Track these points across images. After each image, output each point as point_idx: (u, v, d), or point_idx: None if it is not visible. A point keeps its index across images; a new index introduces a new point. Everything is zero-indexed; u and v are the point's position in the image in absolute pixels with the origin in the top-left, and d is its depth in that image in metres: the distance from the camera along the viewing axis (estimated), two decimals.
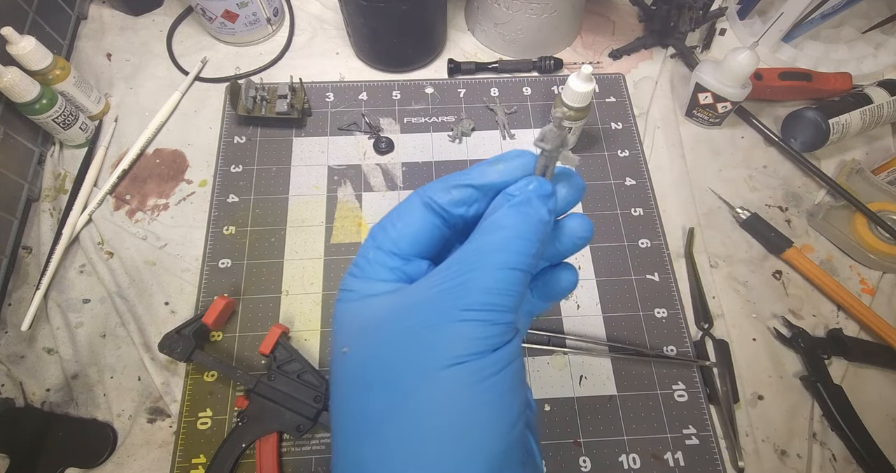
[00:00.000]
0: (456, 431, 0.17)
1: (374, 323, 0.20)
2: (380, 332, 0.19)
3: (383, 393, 0.18)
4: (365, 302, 0.21)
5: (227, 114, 0.57)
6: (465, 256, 0.19)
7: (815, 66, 0.60)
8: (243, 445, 0.40)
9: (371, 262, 0.21)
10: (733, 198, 0.54)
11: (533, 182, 0.20)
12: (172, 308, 0.48)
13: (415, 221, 0.21)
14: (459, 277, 0.18)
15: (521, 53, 0.62)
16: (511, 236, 0.19)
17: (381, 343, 0.19)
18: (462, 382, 0.18)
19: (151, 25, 0.63)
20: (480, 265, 0.18)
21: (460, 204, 0.21)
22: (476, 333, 0.18)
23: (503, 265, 0.18)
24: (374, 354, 0.19)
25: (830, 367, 0.46)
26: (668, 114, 0.59)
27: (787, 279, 0.51)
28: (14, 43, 0.47)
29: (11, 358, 0.45)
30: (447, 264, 0.19)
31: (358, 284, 0.21)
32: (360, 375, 0.19)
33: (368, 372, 0.19)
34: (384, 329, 0.19)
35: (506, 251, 0.19)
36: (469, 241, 0.20)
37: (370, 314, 0.20)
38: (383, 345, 0.19)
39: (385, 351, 0.19)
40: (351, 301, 0.21)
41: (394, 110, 0.58)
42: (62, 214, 0.50)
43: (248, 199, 0.52)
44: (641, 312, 0.48)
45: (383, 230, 0.21)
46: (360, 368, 0.19)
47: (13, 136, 0.50)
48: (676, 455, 0.43)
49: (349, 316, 0.21)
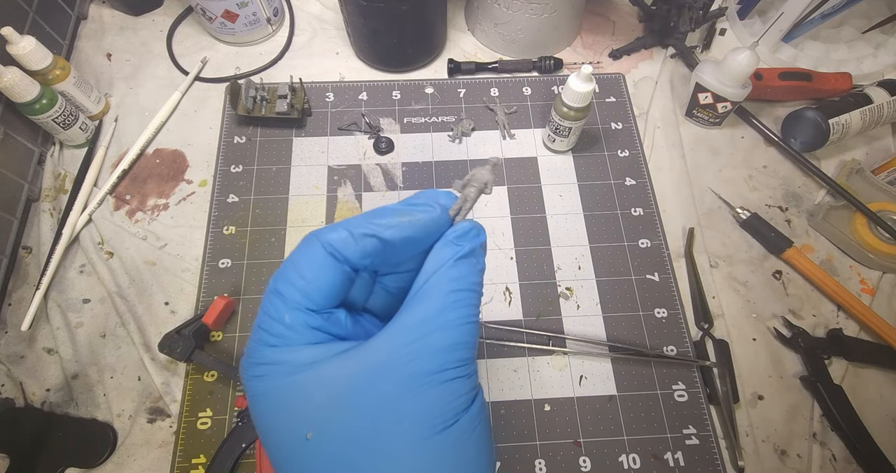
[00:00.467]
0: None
1: (339, 396, 0.18)
2: (350, 406, 0.17)
3: (374, 468, 0.17)
4: (308, 374, 0.18)
5: (227, 114, 0.57)
6: (424, 315, 0.18)
7: (815, 66, 0.60)
8: (243, 445, 0.40)
9: (291, 327, 0.19)
10: (733, 198, 0.54)
11: (472, 229, 0.20)
12: (172, 308, 0.48)
13: (323, 272, 0.19)
14: (424, 338, 0.18)
15: (521, 53, 0.62)
16: (463, 289, 0.19)
17: (357, 418, 0.17)
18: (455, 443, 0.18)
19: (151, 25, 0.63)
20: (440, 324, 0.18)
21: (366, 256, 0.19)
22: (459, 390, 0.18)
23: (462, 321, 0.18)
24: (348, 432, 0.17)
25: (830, 367, 0.46)
26: (668, 114, 0.59)
27: (787, 279, 0.51)
28: (14, 43, 0.47)
29: (11, 358, 0.45)
30: (405, 323, 0.19)
31: (282, 355, 0.18)
32: (343, 455, 0.17)
33: (355, 449, 0.17)
34: (354, 402, 0.17)
35: (460, 306, 0.19)
36: (422, 297, 0.19)
37: (325, 387, 0.18)
38: (359, 420, 0.17)
39: (362, 426, 0.17)
40: (284, 376, 0.18)
41: (394, 110, 0.58)
42: (62, 214, 0.50)
43: (248, 199, 0.52)
44: (641, 312, 0.48)
45: (291, 286, 0.19)
46: (343, 448, 0.17)
47: (13, 136, 0.50)
48: (676, 455, 0.43)
49: (294, 394, 0.18)
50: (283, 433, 0.18)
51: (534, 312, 0.48)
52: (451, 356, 0.18)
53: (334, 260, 0.19)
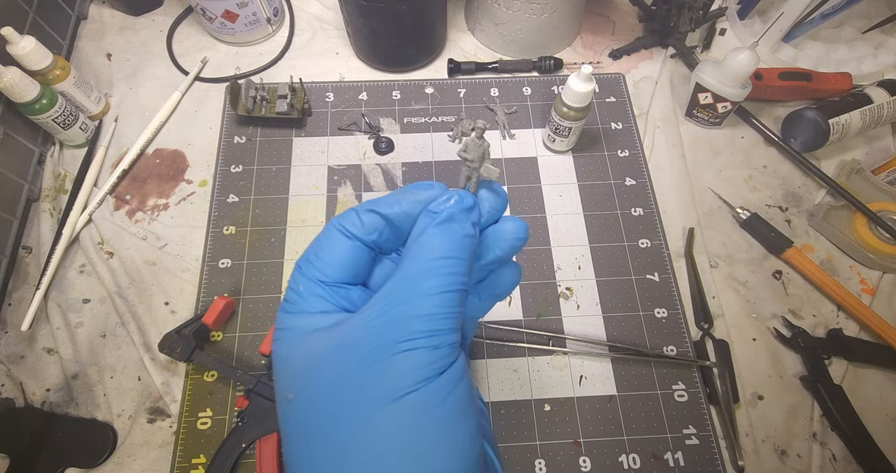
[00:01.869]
0: (410, 465, 0.17)
1: (310, 366, 0.19)
2: (316, 377, 0.18)
3: (329, 442, 0.17)
4: (302, 340, 0.19)
5: (227, 114, 0.57)
6: (397, 286, 0.18)
7: (815, 66, 0.60)
8: (243, 445, 0.40)
9: (303, 295, 0.20)
10: (733, 198, 0.54)
11: (454, 196, 0.20)
12: (172, 308, 0.48)
13: (336, 248, 0.20)
14: (393, 310, 0.18)
15: (521, 53, 0.62)
16: (439, 258, 0.19)
17: (319, 389, 0.18)
18: (411, 413, 0.17)
19: (151, 25, 0.63)
20: (413, 293, 0.18)
21: (371, 231, 0.20)
22: (419, 361, 0.17)
23: (437, 289, 0.18)
24: (312, 402, 0.18)
25: (830, 367, 0.46)
26: (668, 114, 0.59)
27: (787, 279, 0.51)
28: (14, 43, 0.47)
29: (11, 358, 0.45)
30: (379, 296, 0.19)
31: (294, 321, 0.20)
32: (302, 425, 0.18)
33: (309, 422, 0.18)
34: (321, 373, 0.18)
35: (437, 275, 0.18)
36: (399, 269, 0.19)
37: (307, 355, 0.19)
38: (321, 392, 0.18)
39: (323, 398, 0.18)
40: (289, 340, 0.20)
41: (394, 110, 0.58)
42: (62, 214, 0.50)
43: (248, 199, 0.52)
44: (641, 312, 0.48)
45: (308, 261, 0.21)
46: (303, 417, 0.18)
47: (13, 136, 0.50)
48: (676, 455, 0.43)
49: (289, 357, 0.20)
50: (278, 392, 0.20)
51: (534, 312, 0.48)
52: (414, 326, 0.18)
53: (343, 236, 0.20)
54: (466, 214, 0.20)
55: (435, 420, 0.17)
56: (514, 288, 0.24)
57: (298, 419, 0.18)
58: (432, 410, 0.17)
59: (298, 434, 0.18)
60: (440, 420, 0.17)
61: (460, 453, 0.18)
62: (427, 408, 0.17)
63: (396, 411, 0.17)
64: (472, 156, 0.21)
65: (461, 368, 0.18)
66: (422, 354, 0.17)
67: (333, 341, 0.19)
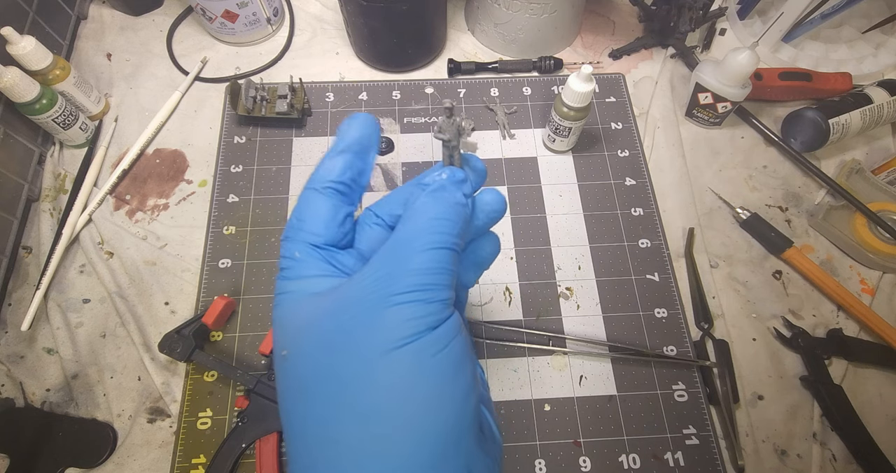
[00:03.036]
0: (405, 416, 0.17)
1: (308, 324, 0.19)
2: (315, 333, 0.19)
3: (324, 394, 0.18)
4: (301, 302, 0.20)
5: (227, 114, 0.57)
6: (391, 246, 0.19)
7: (815, 66, 0.60)
8: (243, 445, 0.40)
9: (298, 260, 0.21)
10: (733, 198, 0.54)
11: (445, 171, 0.21)
12: (172, 308, 0.48)
13: (315, 207, 0.21)
14: (387, 266, 0.19)
15: (521, 53, 0.62)
16: (432, 219, 0.20)
17: (317, 343, 0.19)
18: (405, 365, 0.17)
19: (151, 25, 0.63)
20: (407, 250, 0.19)
21: (343, 171, 0.22)
22: (412, 314, 0.18)
23: (429, 246, 0.19)
24: (310, 356, 0.19)
25: (830, 367, 0.46)
26: (668, 114, 0.59)
27: (787, 279, 0.51)
28: (14, 43, 0.47)
29: (11, 358, 0.45)
30: (376, 257, 0.20)
31: (292, 285, 0.21)
32: (301, 379, 0.19)
33: (307, 375, 0.19)
34: (319, 328, 0.19)
35: (429, 233, 0.19)
36: (393, 233, 0.20)
37: (306, 314, 0.20)
38: (319, 346, 0.19)
39: (321, 351, 0.18)
40: (288, 302, 0.20)
41: (394, 110, 0.58)
42: (62, 214, 0.50)
43: (248, 199, 0.52)
44: (641, 312, 0.48)
45: (293, 228, 0.21)
46: (300, 372, 0.19)
47: (13, 136, 0.50)
48: (676, 455, 0.43)
49: (288, 318, 0.20)
50: (276, 352, 0.20)
51: (534, 312, 0.48)
52: (407, 280, 0.18)
53: (317, 193, 0.21)
54: (457, 186, 0.21)
55: (428, 372, 0.18)
56: (494, 258, 0.25)
57: (296, 374, 0.19)
58: (425, 362, 0.18)
59: (295, 389, 0.19)
60: (433, 372, 0.18)
61: (454, 406, 0.18)
62: (420, 360, 0.18)
63: (391, 362, 0.17)
64: (448, 135, 0.22)
65: (455, 325, 0.19)
66: (415, 307, 0.18)
67: (331, 299, 0.19)
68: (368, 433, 0.17)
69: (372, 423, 0.17)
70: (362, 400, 0.17)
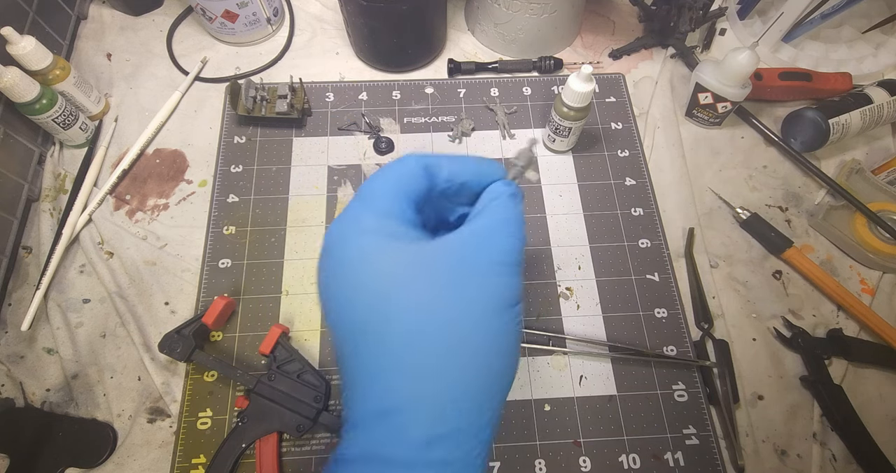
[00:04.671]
0: (497, 369, 0.21)
1: (411, 272, 0.21)
2: (423, 282, 0.21)
3: (434, 340, 0.20)
4: (385, 244, 0.22)
5: (227, 114, 0.57)
6: (484, 225, 0.23)
7: (815, 66, 0.60)
8: (243, 445, 0.40)
9: (392, 197, 0.23)
10: (733, 198, 0.54)
11: (516, 183, 0.26)
12: (172, 308, 0.48)
13: (419, 175, 0.24)
14: (487, 239, 0.22)
15: (521, 53, 0.62)
16: (512, 218, 0.24)
17: (427, 292, 0.21)
18: (506, 326, 0.21)
19: (151, 25, 0.63)
20: (497, 233, 0.23)
21: (447, 182, 0.25)
22: (512, 284, 0.22)
23: (514, 235, 0.23)
24: (418, 303, 0.21)
25: (830, 367, 0.46)
26: (668, 114, 0.59)
27: (787, 279, 0.51)
28: (14, 43, 0.47)
29: (11, 358, 0.45)
30: (472, 227, 0.23)
31: (371, 219, 0.23)
32: (400, 322, 0.20)
33: (410, 320, 0.20)
34: (428, 279, 0.21)
35: (513, 224, 0.23)
36: (481, 216, 0.24)
37: (399, 260, 0.21)
38: (430, 294, 0.21)
39: (433, 300, 0.21)
40: (371, 236, 0.22)
41: (394, 110, 0.58)
42: (62, 214, 0.50)
43: (248, 199, 0.52)
44: (641, 312, 0.48)
45: (393, 178, 0.24)
46: (402, 317, 0.20)
47: (13, 136, 0.50)
48: (676, 455, 0.43)
49: (373, 255, 0.22)
50: (359, 278, 0.21)
51: (534, 312, 0.48)
52: (507, 257, 0.22)
53: (423, 166, 0.24)
54: (520, 201, 0.25)
55: (513, 336, 0.22)
56: None
57: (397, 318, 0.20)
58: (514, 329, 0.21)
59: (385, 332, 0.20)
60: (515, 337, 0.22)
61: (512, 373, 0.22)
62: (513, 326, 0.21)
63: (499, 321, 0.21)
64: (523, 163, 0.27)
65: (520, 312, 0.22)
66: (515, 280, 0.22)
67: (438, 253, 0.22)
68: (461, 374, 0.20)
69: (467, 369, 0.20)
70: (469, 348, 0.20)
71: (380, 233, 0.22)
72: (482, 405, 0.20)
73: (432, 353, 0.20)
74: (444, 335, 0.20)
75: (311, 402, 0.41)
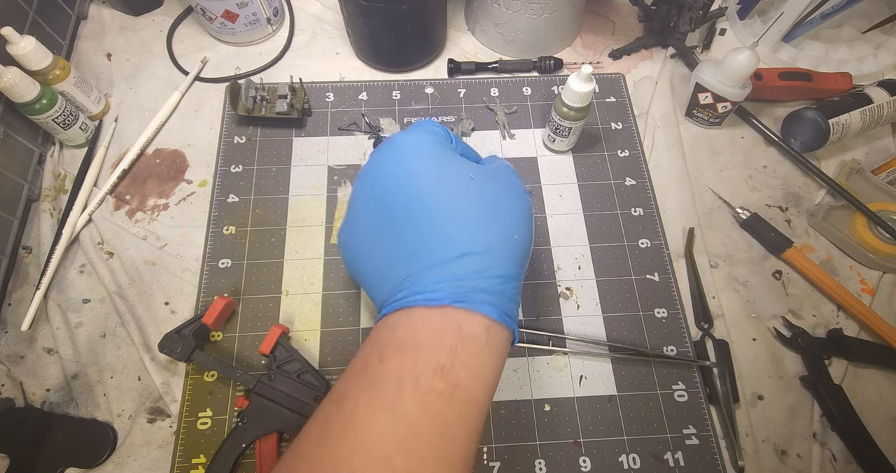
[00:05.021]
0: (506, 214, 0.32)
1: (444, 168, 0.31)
2: (486, 172, 0.32)
3: (490, 209, 0.30)
4: (439, 146, 0.32)
5: (227, 114, 0.57)
6: (501, 164, 0.35)
7: (816, 66, 0.60)
8: (243, 445, 0.40)
9: (440, 125, 0.34)
10: (733, 198, 0.54)
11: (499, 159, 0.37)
12: (172, 308, 0.48)
13: (448, 133, 0.35)
14: (505, 170, 0.35)
15: (521, 53, 0.62)
16: (511, 168, 0.36)
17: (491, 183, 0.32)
18: (528, 201, 0.34)
19: (151, 25, 0.63)
20: (509, 169, 0.35)
21: (455, 146, 0.35)
22: (524, 188, 0.35)
23: (516, 173, 0.35)
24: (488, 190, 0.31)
25: (830, 367, 0.46)
26: (668, 114, 0.59)
27: (787, 279, 0.51)
28: (14, 43, 0.47)
29: (11, 358, 0.45)
30: (493, 166, 0.34)
31: (436, 127, 0.33)
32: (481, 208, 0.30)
33: (487, 206, 0.30)
34: (485, 178, 0.32)
35: (513, 171, 0.35)
36: (493, 162, 0.35)
37: (450, 161, 0.31)
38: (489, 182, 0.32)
39: (491, 184, 0.32)
40: (431, 134, 0.32)
41: (394, 110, 0.58)
42: (62, 214, 0.50)
43: (248, 199, 0.52)
44: (641, 312, 0.48)
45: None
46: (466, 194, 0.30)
47: (13, 136, 0.50)
48: (676, 455, 0.43)
49: (431, 149, 0.31)
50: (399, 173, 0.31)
51: (534, 312, 0.48)
52: (518, 178, 0.35)
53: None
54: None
55: (529, 208, 0.34)
56: None
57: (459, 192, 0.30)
58: (528, 202, 0.34)
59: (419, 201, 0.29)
60: (530, 209, 0.34)
61: (531, 230, 0.33)
62: (527, 200, 0.34)
63: (527, 201, 0.34)
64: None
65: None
66: (523, 185, 0.35)
67: (471, 164, 0.32)
68: (510, 224, 0.31)
69: (513, 221, 0.31)
70: (510, 211, 0.31)
71: (438, 136, 0.32)
72: (521, 255, 0.30)
73: (486, 217, 0.29)
74: (500, 203, 0.31)
75: (311, 402, 0.41)
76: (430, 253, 0.28)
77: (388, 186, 0.30)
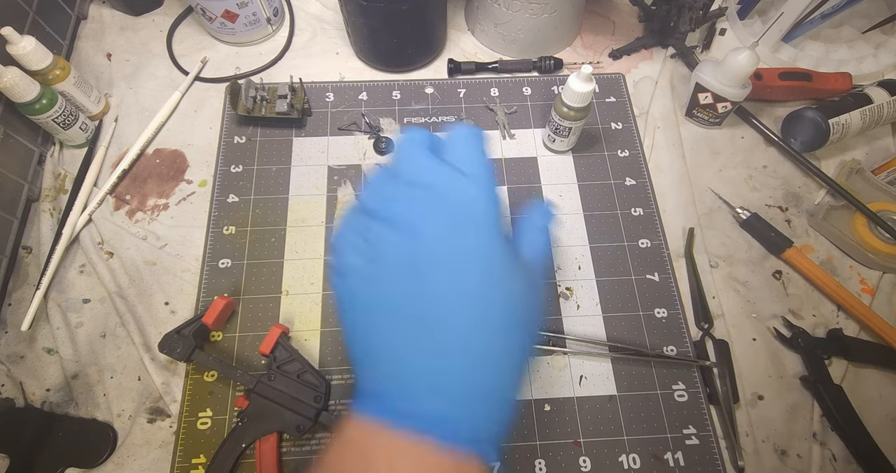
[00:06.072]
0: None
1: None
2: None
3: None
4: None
5: (227, 114, 0.57)
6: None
7: (816, 66, 0.60)
8: (243, 445, 0.40)
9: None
10: (733, 198, 0.54)
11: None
12: (172, 308, 0.48)
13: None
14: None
15: (521, 53, 0.62)
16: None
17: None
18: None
19: (151, 25, 0.63)
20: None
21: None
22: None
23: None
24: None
25: (830, 367, 0.46)
26: (668, 114, 0.59)
27: (787, 279, 0.51)
28: (14, 43, 0.47)
29: (11, 358, 0.45)
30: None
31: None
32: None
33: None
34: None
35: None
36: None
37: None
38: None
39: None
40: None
41: (394, 110, 0.58)
42: (62, 214, 0.50)
43: (248, 199, 0.52)
44: (641, 312, 0.48)
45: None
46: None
47: (13, 136, 0.50)
48: (676, 455, 0.43)
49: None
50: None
51: None
52: None
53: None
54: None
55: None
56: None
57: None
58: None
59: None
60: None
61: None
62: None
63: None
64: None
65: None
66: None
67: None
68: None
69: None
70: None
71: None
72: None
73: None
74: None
75: (310, 402, 0.41)
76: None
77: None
